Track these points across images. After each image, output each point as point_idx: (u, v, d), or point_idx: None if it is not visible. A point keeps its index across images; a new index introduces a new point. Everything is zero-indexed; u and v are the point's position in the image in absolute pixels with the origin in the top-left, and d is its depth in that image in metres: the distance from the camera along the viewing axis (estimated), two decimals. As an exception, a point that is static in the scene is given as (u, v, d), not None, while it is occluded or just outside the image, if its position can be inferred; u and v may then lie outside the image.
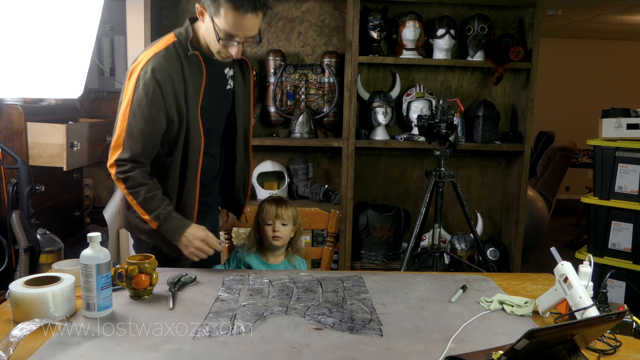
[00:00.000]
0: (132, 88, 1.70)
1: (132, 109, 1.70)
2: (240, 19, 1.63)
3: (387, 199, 3.58)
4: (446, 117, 2.65)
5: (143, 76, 1.69)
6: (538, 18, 3.23)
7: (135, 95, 1.70)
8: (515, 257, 3.42)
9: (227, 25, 1.65)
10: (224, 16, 1.63)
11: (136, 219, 1.82)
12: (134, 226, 1.86)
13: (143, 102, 1.69)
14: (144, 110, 1.70)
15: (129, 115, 1.70)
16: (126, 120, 1.71)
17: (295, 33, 3.39)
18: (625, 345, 1.28)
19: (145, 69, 1.69)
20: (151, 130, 1.72)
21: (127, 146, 1.72)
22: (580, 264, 1.44)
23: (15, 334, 1.16)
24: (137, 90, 1.69)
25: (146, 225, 1.79)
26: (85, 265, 1.36)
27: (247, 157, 2.02)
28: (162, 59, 1.71)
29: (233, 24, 1.64)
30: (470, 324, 1.38)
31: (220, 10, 1.63)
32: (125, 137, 1.71)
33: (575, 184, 7.41)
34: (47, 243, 2.25)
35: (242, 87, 1.93)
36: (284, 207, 1.95)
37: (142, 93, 1.69)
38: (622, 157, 3.12)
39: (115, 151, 1.73)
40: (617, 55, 7.53)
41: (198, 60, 1.76)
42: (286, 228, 1.95)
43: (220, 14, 1.63)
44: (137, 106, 1.70)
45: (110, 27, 3.53)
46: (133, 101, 1.70)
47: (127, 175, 1.73)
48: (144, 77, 1.69)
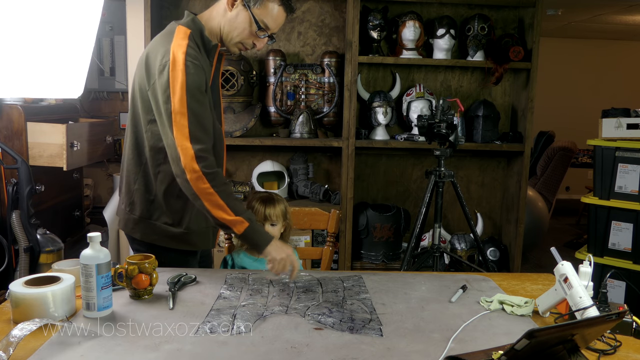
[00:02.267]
0: (183, 74, 1.59)
1: (190, 94, 1.59)
2: (280, 14, 1.73)
3: (387, 199, 3.58)
4: (446, 117, 2.65)
5: (192, 62, 1.61)
6: (538, 18, 3.23)
7: (190, 79, 1.60)
8: (515, 257, 3.42)
9: (268, 17, 1.71)
10: (268, 9, 1.70)
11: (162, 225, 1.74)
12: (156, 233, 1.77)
13: (201, 85, 1.63)
14: (203, 94, 1.64)
15: (188, 102, 1.59)
16: (185, 108, 1.58)
17: (295, 33, 3.39)
18: (625, 345, 1.28)
19: (189, 56, 1.62)
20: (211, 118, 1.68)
21: (200, 137, 1.59)
22: (580, 264, 1.44)
23: (15, 334, 1.16)
24: (189, 75, 1.60)
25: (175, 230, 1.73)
26: (85, 265, 1.36)
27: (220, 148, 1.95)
28: (193, 51, 1.66)
29: (274, 17, 1.72)
30: (470, 324, 1.38)
31: (265, 2, 1.69)
32: (192, 125, 1.58)
33: (575, 184, 7.41)
34: (47, 243, 2.25)
35: (216, 83, 1.90)
36: (273, 207, 1.93)
37: (196, 77, 1.62)
38: (622, 157, 3.12)
39: (187, 145, 1.57)
40: (617, 55, 7.53)
41: (213, 53, 1.76)
42: (275, 228, 1.95)
43: (267, 7, 1.69)
44: (196, 89, 1.61)
45: (110, 27, 3.53)
46: (189, 86, 1.59)
47: (214, 170, 1.60)
48: (194, 63, 1.62)
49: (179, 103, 1.59)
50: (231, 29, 1.73)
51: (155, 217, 1.76)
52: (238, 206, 1.62)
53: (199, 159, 1.58)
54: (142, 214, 1.77)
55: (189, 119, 1.59)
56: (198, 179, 1.58)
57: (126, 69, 3.45)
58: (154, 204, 1.76)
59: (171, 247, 1.78)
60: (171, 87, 1.60)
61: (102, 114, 3.79)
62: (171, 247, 1.78)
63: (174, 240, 1.78)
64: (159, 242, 1.78)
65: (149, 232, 1.78)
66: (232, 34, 1.74)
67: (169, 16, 3.29)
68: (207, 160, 1.60)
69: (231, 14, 1.72)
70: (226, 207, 1.59)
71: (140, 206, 1.77)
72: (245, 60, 3.20)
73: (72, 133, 2.55)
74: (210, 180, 1.58)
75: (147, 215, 1.77)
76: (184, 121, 1.59)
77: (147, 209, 1.76)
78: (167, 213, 1.76)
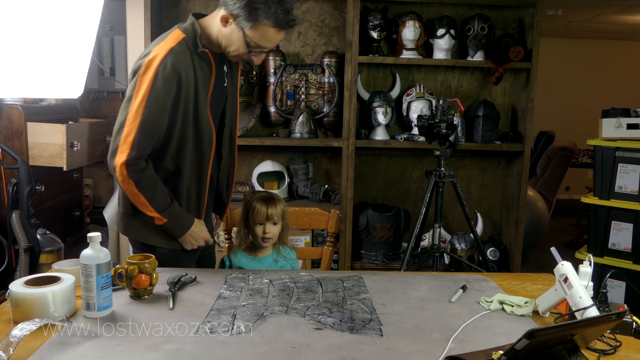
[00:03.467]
0: (149, 83, 1.64)
1: (148, 105, 1.64)
2: (275, 34, 1.69)
3: (387, 199, 3.58)
4: (446, 117, 2.65)
5: (162, 71, 1.64)
6: (538, 18, 3.23)
7: (153, 91, 1.64)
8: (515, 257, 3.42)
9: (261, 39, 1.69)
10: (261, 32, 1.67)
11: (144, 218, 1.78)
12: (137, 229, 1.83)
13: (161, 98, 1.65)
14: (162, 107, 1.67)
15: (144, 112, 1.64)
16: (139, 117, 1.64)
17: (295, 33, 3.38)
18: (625, 345, 1.28)
19: (164, 64, 1.64)
20: (164, 127, 1.70)
21: (140, 144, 1.66)
22: (580, 264, 1.44)
23: (15, 334, 1.16)
24: (154, 86, 1.64)
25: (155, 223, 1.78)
26: (85, 265, 1.36)
27: (232, 154, 2.00)
28: (178, 55, 1.67)
29: (268, 38, 1.69)
30: (470, 324, 1.38)
31: (258, 26, 1.66)
32: (138, 135, 1.65)
33: (575, 184, 7.41)
34: (47, 243, 2.25)
35: (231, 85, 1.93)
36: (274, 206, 1.94)
37: (160, 89, 1.65)
38: (622, 157, 3.12)
39: (125, 150, 1.66)
40: (617, 55, 7.53)
41: (208, 58, 1.76)
42: (276, 227, 1.95)
43: (257, 29, 1.66)
44: (154, 102, 1.65)
45: (110, 27, 3.53)
46: (150, 97, 1.64)
47: (142, 175, 1.69)
48: (164, 73, 1.64)
49: (135, 110, 1.66)
50: (227, 44, 1.74)
51: (138, 212, 1.78)
52: (160, 204, 1.73)
53: (129, 166, 1.67)
54: (126, 209, 1.83)
55: (138, 128, 1.66)
56: (124, 180, 1.69)
57: (126, 69, 3.46)
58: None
59: (156, 244, 1.81)
60: (135, 91, 1.67)
61: (102, 114, 3.78)
62: (156, 244, 1.81)
63: (157, 236, 1.80)
64: (142, 238, 1.83)
65: (131, 228, 1.84)
66: (228, 48, 1.75)
67: (169, 16, 3.29)
68: (136, 167, 1.69)
69: (226, 30, 1.71)
70: (149, 205, 1.72)
71: (123, 201, 1.83)
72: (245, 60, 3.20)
73: (72, 133, 2.55)
74: (136, 183, 1.69)
75: (131, 211, 1.80)
76: (134, 128, 1.66)
77: (130, 204, 1.79)
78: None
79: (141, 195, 1.70)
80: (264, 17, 1.64)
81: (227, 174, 2.00)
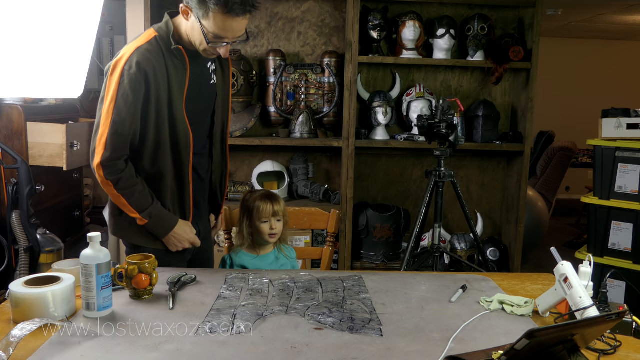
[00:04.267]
0: (116, 84, 1.64)
1: (117, 106, 1.65)
2: (230, 22, 1.62)
3: (387, 199, 3.58)
4: (446, 117, 2.65)
5: (128, 71, 1.64)
6: (538, 18, 3.23)
7: (120, 91, 1.64)
8: (515, 257, 3.42)
9: (216, 28, 1.63)
10: (213, 19, 1.61)
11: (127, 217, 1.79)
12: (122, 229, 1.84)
13: (129, 98, 1.65)
14: (130, 106, 1.66)
15: (114, 112, 1.65)
16: (110, 117, 1.65)
17: (295, 33, 3.39)
18: (625, 345, 1.28)
19: (130, 63, 1.65)
20: (137, 127, 1.70)
21: (113, 145, 1.67)
22: (580, 264, 1.44)
23: (15, 334, 1.16)
24: (121, 86, 1.64)
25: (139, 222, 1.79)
26: (85, 265, 1.36)
27: (224, 153, 1.99)
28: (146, 53, 1.67)
29: (222, 27, 1.63)
30: (470, 324, 1.38)
31: (209, 14, 1.60)
32: (110, 135, 1.66)
33: (575, 184, 7.41)
34: (47, 243, 2.25)
35: (221, 82, 1.91)
36: (278, 203, 1.95)
37: (127, 88, 1.64)
38: (622, 157, 3.12)
39: (99, 151, 1.67)
40: (617, 55, 7.53)
41: (182, 55, 1.73)
42: (281, 223, 1.96)
43: (209, 17, 1.61)
44: (123, 102, 1.65)
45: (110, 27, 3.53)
46: (118, 97, 1.64)
47: (119, 176, 1.70)
48: (129, 72, 1.64)
49: (106, 111, 1.67)
50: (193, 39, 1.71)
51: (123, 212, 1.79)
52: (141, 204, 1.74)
53: (104, 167, 1.68)
54: (112, 209, 1.85)
55: (110, 129, 1.67)
56: (103, 182, 1.71)
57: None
58: None
59: (141, 244, 1.82)
60: (105, 92, 1.69)
61: (102, 114, 3.78)
62: (141, 244, 1.82)
63: (141, 236, 1.81)
64: (128, 238, 1.85)
65: (117, 228, 1.85)
66: (196, 43, 1.71)
67: (169, 16, 3.29)
68: (113, 168, 1.69)
69: (188, 24, 1.69)
70: (129, 205, 1.73)
71: (110, 201, 1.85)
72: (245, 60, 3.20)
73: (72, 133, 2.55)
74: (115, 184, 1.71)
75: (117, 211, 1.82)
76: (106, 129, 1.67)
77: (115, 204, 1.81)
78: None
79: (121, 196, 1.72)
80: (214, 3, 1.58)
81: (219, 174, 1.99)
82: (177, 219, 1.81)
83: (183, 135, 1.77)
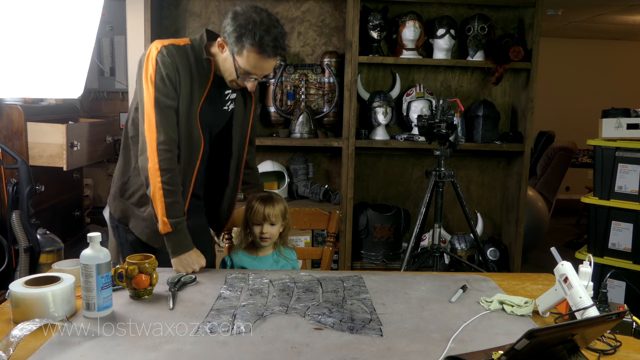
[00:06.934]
0: (153, 69, 1.68)
1: (157, 91, 1.68)
2: (261, 61, 1.69)
3: (387, 199, 3.58)
4: (446, 117, 2.65)
5: (161, 58, 1.69)
6: (538, 18, 3.23)
7: (157, 74, 1.68)
8: (515, 257, 3.42)
9: (248, 65, 1.70)
10: (246, 57, 1.68)
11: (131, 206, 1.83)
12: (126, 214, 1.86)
13: (165, 79, 1.68)
14: (169, 88, 1.69)
15: (155, 96, 1.68)
16: (153, 101, 1.68)
17: (295, 33, 3.39)
18: (625, 345, 1.28)
19: (162, 52, 1.70)
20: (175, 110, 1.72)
21: (165, 129, 1.69)
22: (580, 264, 1.44)
23: (15, 334, 1.16)
24: (158, 70, 1.68)
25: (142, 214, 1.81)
26: (85, 265, 1.36)
27: (236, 182, 2.03)
28: (174, 50, 1.72)
29: (254, 65, 1.70)
30: (470, 324, 1.38)
31: (244, 51, 1.67)
32: (159, 118, 1.68)
33: (575, 184, 7.41)
34: (47, 243, 2.25)
35: (241, 113, 1.94)
36: (272, 207, 1.94)
37: (163, 71, 1.68)
38: (622, 157, 3.12)
39: (152, 137, 1.68)
40: (617, 55, 7.53)
41: (209, 66, 1.77)
42: (275, 227, 1.95)
43: (243, 55, 1.68)
44: (162, 86, 1.68)
45: (110, 27, 3.53)
46: (156, 80, 1.68)
47: (171, 167, 1.70)
48: (162, 59, 1.69)
49: (147, 95, 1.69)
50: (223, 70, 1.77)
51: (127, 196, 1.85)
52: (175, 211, 1.72)
53: (160, 151, 1.68)
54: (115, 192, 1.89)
55: (156, 110, 1.68)
56: (155, 171, 1.69)
57: (126, 69, 3.45)
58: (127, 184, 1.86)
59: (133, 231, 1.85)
60: (144, 79, 1.71)
61: (102, 114, 3.79)
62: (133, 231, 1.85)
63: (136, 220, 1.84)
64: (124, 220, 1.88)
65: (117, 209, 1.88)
66: (225, 74, 1.78)
67: (169, 16, 3.29)
68: (168, 154, 1.70)
69: (223, 56, 1.75)
70: (164, 206, 1.70)
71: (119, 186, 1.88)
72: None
73: (72, 133, 2.55)
74: (163, 176, 1.69)
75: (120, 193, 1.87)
76: (152, 112, 1.68)
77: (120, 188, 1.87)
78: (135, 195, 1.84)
79: (162, 191, 1.69)
80: (249, 43, 1.65)
81: (230, 199, 2.03)
82: (194, 246, 1.79)
83: (196, 142, 1.80)
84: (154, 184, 1.70)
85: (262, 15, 1.66)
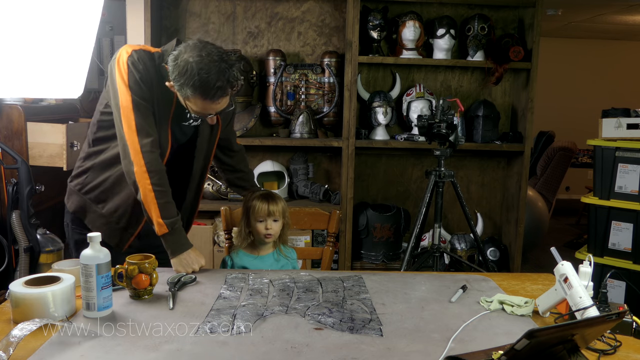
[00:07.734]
0: (125, 72, 1.65)
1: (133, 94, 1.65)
2: (210, 104, 1.65)
3: (387, 199, 3.58)
4: (446, 117, 2.65)
5: (132, 61, 1.66)
6: (538, 18, 3.23)
7: (130, 77, 1.65)
8: (515, 257, 3.42)
9: (199, 108, 1.67)
10: (194, 103, 1.64)
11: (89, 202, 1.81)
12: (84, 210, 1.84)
13: (140, 82, 1.66)
14: (144, 90, 1.66)
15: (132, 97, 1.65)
16: (130, 103, 1.65)
17: (295, 33, 3.39)
18: (625, 345, 1.28)
19: (132, 56, 1.67)
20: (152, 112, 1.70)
21: (147, 131, 1.66)
22: (580, 264, 1.44)
23: (15, 334, 1.16)
24: (130, 73, 1.65)
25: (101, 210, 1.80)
26: (85, 265, 1.36)
27: (196, 199, 1.99)
28: (144, 55, 1.70)
29: (204, 107, 1.66)
30: (470, 324, 1.38)
31: (190, 98, 1.63)
32: (139, 121, 1.65)
33: (575, 184, 7.41)
34: (47, 243, 2.25)
35: (206, 133, 1.88)
36: (275, 203, 1.95)
37: (136, 74, 1.65)
38: (622, 157, 3.12)
39: (134, 139, 1.65)
40: (617, 55, 7.53)
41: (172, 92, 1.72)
42: (277, 224, 1.96)
43: (191, 101, 1.64)
44: (136, 87, 1.65)
45: (110, 27, 3.53)
46: (131, 84, 1.65)
47: (159, 167, 1.68)
48: (134, 62, 1.66)
49: (125, 98, 1.66)
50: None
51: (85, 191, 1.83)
52: (169, 211, 1.70)
53: (144, 153, 1.66)
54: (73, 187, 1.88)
55: (135, 112, 1.66)
56: (143, 174, 1.66)
57: (126, 69, 3.45)
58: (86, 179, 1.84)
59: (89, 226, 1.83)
60: (118, 83, 1.67)
61: (102, 114, 3.77)
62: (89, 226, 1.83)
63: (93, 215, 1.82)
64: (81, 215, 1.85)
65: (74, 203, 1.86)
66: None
67: (169, 16, 3.29)
68: (152, 155, 1.67)
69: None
70: (157, 207, 1.68)
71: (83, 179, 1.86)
72: (245, 60, 3.20)
73: (72, 133, 2.55)
74: (152, 178, 1.66)
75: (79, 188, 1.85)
76: (131, 115, 1.66)
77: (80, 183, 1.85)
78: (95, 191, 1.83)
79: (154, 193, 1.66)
80: (191, 91, 1.60)
81: (188, 212, 1.98)
82: (192, 244, 1.78)
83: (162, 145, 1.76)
84: (144, 186, 1.66)
85: (201, 54, 1.58)
